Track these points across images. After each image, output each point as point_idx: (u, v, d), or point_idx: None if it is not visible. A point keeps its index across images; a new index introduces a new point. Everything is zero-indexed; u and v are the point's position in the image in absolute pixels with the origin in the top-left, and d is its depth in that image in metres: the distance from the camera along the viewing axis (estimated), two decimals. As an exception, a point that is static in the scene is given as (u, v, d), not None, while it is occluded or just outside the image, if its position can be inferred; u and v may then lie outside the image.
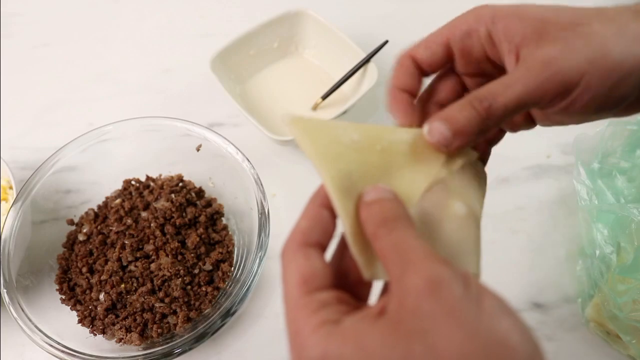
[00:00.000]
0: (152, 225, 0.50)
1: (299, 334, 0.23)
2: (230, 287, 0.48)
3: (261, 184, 0.49)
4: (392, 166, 0.27)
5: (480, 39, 0.29)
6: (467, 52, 0.30)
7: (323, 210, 0.26)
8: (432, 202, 0.27)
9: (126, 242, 0.50)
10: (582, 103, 0.27)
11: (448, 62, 0.31)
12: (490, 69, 0.31)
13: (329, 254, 0.27)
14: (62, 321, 0.47)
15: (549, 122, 0.31)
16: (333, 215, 0.26)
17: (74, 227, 0.53)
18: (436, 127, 0.27)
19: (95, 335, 0.47)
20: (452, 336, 0.19)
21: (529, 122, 0.33)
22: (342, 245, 0.27)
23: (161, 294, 0.48)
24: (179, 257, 0.49)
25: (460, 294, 0.20)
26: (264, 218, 0.48)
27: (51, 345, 0.43)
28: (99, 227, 0.52)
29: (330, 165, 0.25)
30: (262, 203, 0.48)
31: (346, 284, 0.26)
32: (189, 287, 0.48)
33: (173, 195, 0.52)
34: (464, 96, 0.28)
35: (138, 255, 0.49)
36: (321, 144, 0.26)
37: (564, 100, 0.27)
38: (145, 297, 0.47)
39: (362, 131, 0.27)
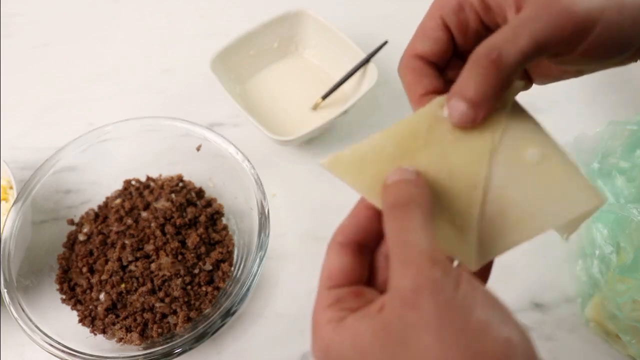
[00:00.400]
0: (152, 225, 0.50)
1: (316, 326, 0.24)
2: (230, 287, 0.48)
3: (261, 184, 0.49)
4: (445, 150, 0.26)
5: (473, 8, 0.27)
6: (464, 26, 0.28)
7: (367, 210, 0.26)
8: (504, 162, 0.25)
9: (126, 242, 0.50)
10: (604, 41, 0.25)
11: (452, 43, 0.29)
12: None
13: None
14: (63, 321, 0.47)
15: (548, 78, 0.30)
16: (377, 215, 0.26)
17: (74, 227, 0.53)
18: (454, 106, 0.25)
19: (95, 335, 0.47)
20: (432, 351, 0.19)
21: (526, 83, 0.31)
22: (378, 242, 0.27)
23: (161, 294, 0.48)
24: (179, 257, 0.49)
25: (444, 305, 0.20)
26: (264, 218, 0.48)
27: (51, 345, 0.43)
28: (99, 227, 0.52)
29: (380, 195, 0.25)
30: (262, 203, 0.48)
31: (375, 280, 0.27)
32: (189, 287, 0.48)
33: (173, 195, 0.52)
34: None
35: (138, 255, 0.49)
36: (364, 176, 0.26)
37: (584, 40, 0.24)
38: (146, 297, 0.47)
39: (396, 138, 0.26)
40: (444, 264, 0.21)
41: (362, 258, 0.26)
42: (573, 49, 0.25)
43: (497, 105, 0.25)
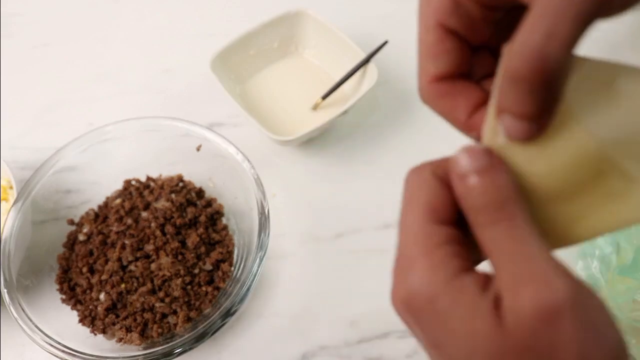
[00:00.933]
0: (152, 225, 0.51)
1: (413, 262, 0.21)
2: (230, 287, 0.48)
3: (261, 184, 0.49)
4: (535, 163, 0.22)
5: None
6: (468, 22, 0.23)
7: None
8: (600, 122, 0.21)
9: (126, 242, 0.50)
10: None
11: (465, 44, 0.24)
12: (501, 14, 0.24)
13: None
14: (63, 321, 0.47)
15: None
16: None
17: (74, 227, 0.53)
18: (511, 126, 0.21)
19: (95, 335, 0.47)
20: None
21: None
22: None
23: (161, 294, 0.48)
24: (179, 257, 0.49)
25: (578, 328, 0.18)
26: (264, 218, 0.48)
27: (51, 345, 0.43)
28: (99, 227, 0.52)
29: None
30: (262, 203, 0.48)
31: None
32: (189, 287, 0.48)
33: (173, 195, 0.52)
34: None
35: (138, 255, 0.49)
36: None
37: None
38: (146, 297, 0.47)
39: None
40: (573, 278, 0.19)
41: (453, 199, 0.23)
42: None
43: (557, 107, 0.20)
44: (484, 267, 0.22)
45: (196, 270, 0.49)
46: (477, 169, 0.21)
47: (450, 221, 0.22)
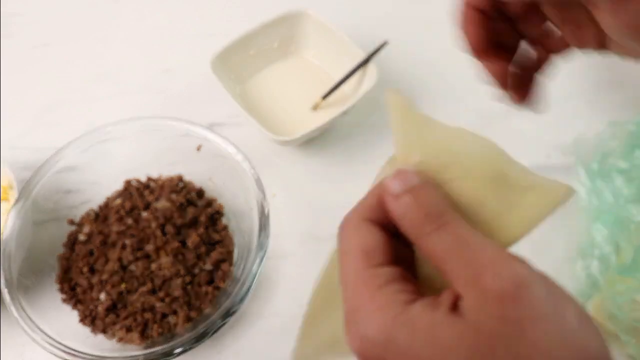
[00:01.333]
0: (152, 225, 0.51)
1: (360, 310, 0.21)
2: (230, 287, 0.48)
3: (261, 184, 0.49)
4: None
5: None
6: None
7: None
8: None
9: (127, 242, 0.50)
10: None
11: None
12: None
13: None
14: (63, 321, 0.47)
15: (622, 50, 0.28)
16: None
17: (74, 227, 0.53)
18: None
19: (95, 334, 0.47)
20: (540, 343, 0.19)
21: (600, 45, 0.29)
22: None
23: (161, 294, 0.48)
24: (179, 257, 0.49)
25: (544, 298, 0.20)
26: (264, 218, 0.48)
27: (52, 345, 0.43)
28: (99, 227, 0.52)
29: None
30: (262, 203, 0.48)
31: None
32: (189, 286, 0.48)
33: (173, 195, 0.53)
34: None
35: (138, 255, 0.49)
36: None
37: None
38: (146, 297, 0.47)
39: None
40: (529, 265, 0.21)
41: (393, 239, 0.23)
42: None
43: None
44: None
45: (196, 270, 0.49)
46: (409, 188, 0.22)
47: (388, 261, 0.22)
